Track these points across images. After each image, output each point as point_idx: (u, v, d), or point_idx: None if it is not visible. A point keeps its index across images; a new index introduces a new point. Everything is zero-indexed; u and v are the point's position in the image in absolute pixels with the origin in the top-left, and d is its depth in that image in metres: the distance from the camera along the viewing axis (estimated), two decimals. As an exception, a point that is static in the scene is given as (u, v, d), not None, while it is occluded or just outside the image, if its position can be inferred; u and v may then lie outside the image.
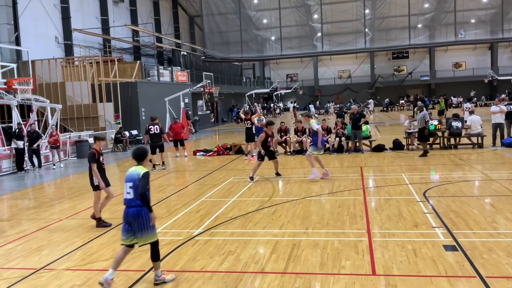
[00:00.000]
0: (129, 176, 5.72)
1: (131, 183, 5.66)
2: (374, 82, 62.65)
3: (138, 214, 5.59)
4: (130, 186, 5.66)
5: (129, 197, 5.68)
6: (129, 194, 5.67)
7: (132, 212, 5.62)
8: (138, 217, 5.59)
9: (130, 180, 5.69)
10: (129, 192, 5.67)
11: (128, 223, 5.66)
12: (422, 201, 9.38)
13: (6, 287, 5.93)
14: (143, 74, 30.35)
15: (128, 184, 5.68)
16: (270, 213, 9.10)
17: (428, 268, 5.86)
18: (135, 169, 5.76)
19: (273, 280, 5.70)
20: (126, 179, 5.73)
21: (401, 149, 17.63)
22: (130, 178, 5.69)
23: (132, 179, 5.67)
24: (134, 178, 5.65)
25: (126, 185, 5.70)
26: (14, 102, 18.28)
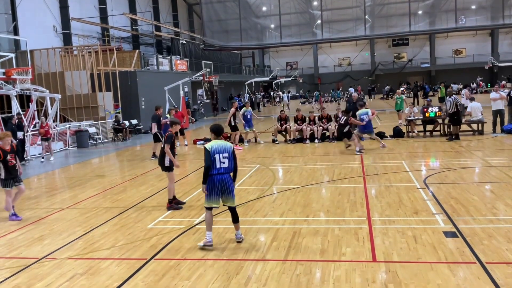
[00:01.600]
0: (221, 148, 6.53)
1: (226, 154, 6.54)
2: (374, 70, 62.40)
3: (231, 180, 6.66)
4: (224, 156, 6.52)
5: (224, 166, 6.53)
6: (224, 163, 6.51)
7: (229, 178, 6.59)
8: (232, 183, 6.66)
9: (224, 151, 6.53)
10: (224, 162, 6.51)
11: (222, 189, 6.55)
12: (422, 188, 9.40)
13: (9, 276, 5.97)
14: (142, 63, 30.22)
15: (223, 154, 6.51)
16: (270, 201, 9.12)
17: (428, 254, 5.88)
18: (222, 142, 6.63)
19: (274, 267, 5.73)
20: (219, 150, 6.49)
21: (401, 136, 17.62)
22: (224, 150, 6.54)
23: (226, 151, 6.55)
24: (229, 150, 6.58)
25: (219, 156, 6.47)
26: (13, 92, 18.23)
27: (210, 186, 6.53)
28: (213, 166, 6.49)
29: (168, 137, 8.81)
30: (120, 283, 5.53)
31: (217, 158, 6.49)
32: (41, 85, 21.91)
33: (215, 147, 6.53)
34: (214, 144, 6.57)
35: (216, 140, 6.67)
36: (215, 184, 6.51)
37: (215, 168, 6.49)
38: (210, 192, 6.54)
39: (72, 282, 5.67)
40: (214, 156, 6.47)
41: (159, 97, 27.52)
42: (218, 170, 6.50)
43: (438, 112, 17.42)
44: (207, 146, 6.55)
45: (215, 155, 6.48)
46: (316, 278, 5.36)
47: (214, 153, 6.49)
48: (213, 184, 6.51)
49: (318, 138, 17.67)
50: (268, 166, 13.20)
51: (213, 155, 6.47)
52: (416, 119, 17.94)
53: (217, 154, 6.49)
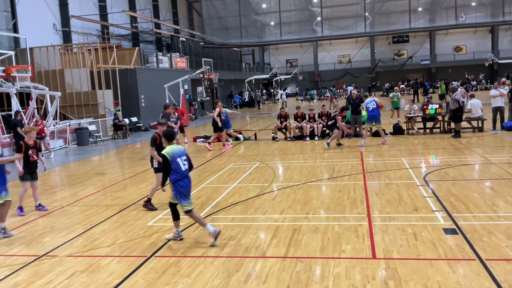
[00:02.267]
0: (180, 151, 6.74)
1: (184, 156, 6.76)
2: (374, 67, 62.37)
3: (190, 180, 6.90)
4: (184, 159, 6.73)
5: (186, 167, 6.75)
6: (185, 165, 6.73)
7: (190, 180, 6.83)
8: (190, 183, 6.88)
9: (182, 154, 6.74)
10: (185, 164, 6.73)
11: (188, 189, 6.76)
12: (422, 185, 9.40)
13: (9, 273, 5.97)
14: (142, 60, 30.20)
15: (182, 158, 6.71)
16: (270, 199, 9.13)
17: (428, 251, 5.89)
18: (178, 146, 6.85)
19: (274, 264, 5.74)
20: (178, 154, 6.68)
21: (401, 133, 17.62)
22: (182, 153, 6.76)
23: (184, 153, 6.78)
24: (185, 153, 6.83)
25: (180, 159, 6.66)
26: (13, 90, 18.22)
27: (184, 189, 6.66)
28: (178, 170, 6.64)
29: (152, 139, 8.59)
30: (120, 280, 5.54)
31: (179, 162, 6.65)
32: (41, 83, 21.89)
33: (175, 152, 6.68)
34: (171, 149, 6.70)
35: (171, 145, 6.81)
36: (187, 186, 6.73)
37: (180, 172, 6.66)
38: (185, 195, 6.68)
39: (73, 279, 5.68)
40: (176, 160, 6.62)
41: (159, 94, 27.52)
42: (184, 173, 6.70)
43: (438, 109, 17.40)
44: (166, 152, 6.65)
45: (177, 159, 6.64)
46: (316, 275, 5.37)
47: (175, 157, 6.63)
48: (186, 186, 6.71)
49: (318, 136, 17.67)
50: (268, 163, 13.21)
51: (175, 159, 6.62)
52: (416, 116, 17.93)
53: (178, 158, 6.66)
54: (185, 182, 6.70)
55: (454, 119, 16.11)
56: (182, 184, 6.65)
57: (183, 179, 6.67)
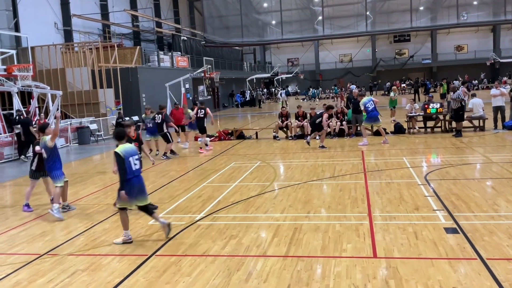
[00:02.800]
0: (132, 150, 6.81)
1: (137, 156, 6.82)
2: (375, 66, 62.30)
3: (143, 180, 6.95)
4: (136, 159, 6.78)
5: (137, 167, 6.81)
6: (136, 165, 6.78)
7: (142, 178, 6.89)
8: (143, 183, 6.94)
9: (135, 153, 6.80)
10: (136, 164, 6.78)
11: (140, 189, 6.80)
12: (423, 184, 9.40)
13: (11, 272, 5.99)
14: (143, 59, 30.21)
15: (134, 157, 6.76)
16: (271, 198, 9.13)
17: (429, 250, 5.89)
18: (130, 145, 6.91)
19: (275, 263, 5.75)
20: (131, 153, 6.73)
21: (402, 132, 17.60)
22: (135, 152, 6.82)
23: (136, 153, 6.84)
24: (137, 152, 6.90)
25: (132, 158, 6.71)
26: (15, 88, 18.25)
27: (129, 189, 6.64)
28: (129, 170, 6.65)
29: None
30: (121, 279, 5.55)
31: (131, 161, 6.69)
32: (42, 81, 21.91)
33: (128, 151, 6.71)
34: (124, 148, 6.72)
35: (123, 144, 6.83)
36: (135, 187, 6.70)
37: (131, 172, 6.67)
38: (133, 194, 6.69)
39: (74, 278, 5.68)
40: (128, 159, 6.64)
41: (160, 93, 27.53)
42: (134, 172, 6.72)
43: (439, 108, 17.39)
44: (119, 151, 6.65)
45: (129, 159, 6.67)
46: (317, 274, 5.37)
47: (128, 156, 6.66)
48: (133, 187, 6.67)
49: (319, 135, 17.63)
50: (269, 162, 13.21)
51: (127, 158, 6.64)
52: (417, 115, 17.92)
53: (131, 157, 6.70)
54: (135, 181, 6.71)
55: (455, 118, 16.09)
56: (130, 184, 6.65)
57: (133, 178, 6.69)
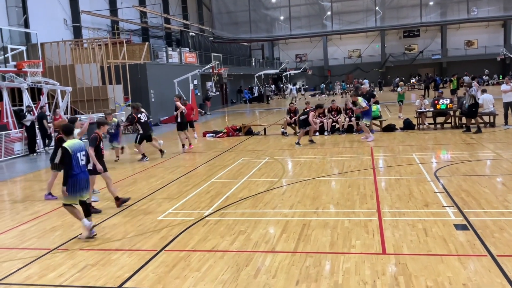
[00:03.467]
0: (80, 146, 6.89)
1: (84, 152, 6.92)
2: (384, 61, 61.93)
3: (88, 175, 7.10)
4: (83, 155, 6.90)
5: (83, 163, 6.91)
6: (83, 161, 6.89)
7: (88, 175, 7.00)
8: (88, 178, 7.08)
9: (82, 149, 6.90)
10: (83, 160, 6.88)
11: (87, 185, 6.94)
12: (433, 181, 9.34)
13: (21, 266, 6.05)
14: (151, 55, 30.26)
15: (82, 153, 6.88)
16: (280, 194, 9.13)
17: (439, 247, 5.86)
18: (78, 141, 7.01)
19: (284, 259, 5.75)
20: (78, 149, 6.82)
21: (411, 128, 17.50)
22: (82, 148, 6.91)
23: (83, 149, 6.92)
24: (84, 148, 6.98)
25: (80, 154, 6.82)
26: (25, 85, 18.38)
27: (74, 186, 6.72)
28: (76, 165, 6.72)
29: (91, 139, 8.43)
30: (131, 274, 5.58)
31: (78, 156, 6.76)
32: (52, 78, 22.06)
33: (75, 146, 6.77)
34: (72, 143, 6.77)
35: (71, 139, 6.90)
36: (80, 183, 6.76)
37: (78, 167, 6.74)
38: (74, 191, 6.74)
39: (84, 272, 5.73)
40: (76, 155, 6.71)
41: (168, 89, 27.59)
42: (81, 168, 6.81)
43: (449, 104, 17.26)
44: (67, 146, 6.69)
45: (77, 154, 6.74)
46: (326, 270, 5.37)
47: (75, 152, 6.72)
48: (78, 183, 6.73)
49: (328, 131, 17.60)
50: (278, 158, 13.20)
51: (74, 154, 6.70)
52: (426, 111, 17.80)
53: (78, 153, 6.78)
54: (81, 176, 6.79)
55: (469, 115, 15.87)
56: (75, 180, 6.72)
57: (79, 173, 6.77)
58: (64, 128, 7.13)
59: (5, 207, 9.54)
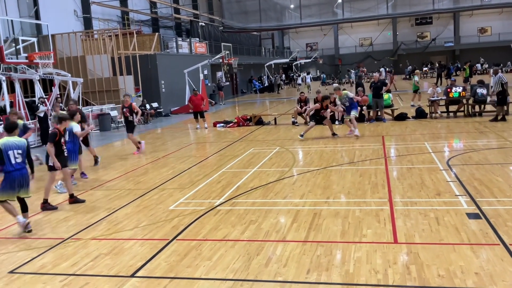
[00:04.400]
0: (14, 144, 6.93)
1: (20, 150, 6.94)
2: (396, 50, 61.24)
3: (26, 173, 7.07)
4: (18, 153, 6.91)
5: (19, 161, 6.93)
6: (18, 159, 6.91)
7: (25, 173, 7.01)
8: (27, 176, 7.07)
9: (17, 147, 6.93)
10: (18, 157, 6.90)
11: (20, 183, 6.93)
12: (445, 170, 9.26)
13: (36, 256, 6.13)
14: (161, 46, 30.27)
15: (16, 151, 6.90)
16: (290, 183, 9.12)
17: (451, 236, 5.82)
18: (15, 139, 7.03)
19: (295, 248, 5.76)
20: (12, 147, 6.88)
21: (424, 117, 17.34)
22: (17, 146, 6.93)
23: (20, 147, 6.95)
24: (22, 147, 7.00)
25: (13, 152, 6.86)
26: (36, 76, 18.50)
27: (8, 182, 6.84)
28: (9, 162, 6.83)
29: (50, 135, 8.42)
30: (143, 263, 5.64)
31: (10, 154, 6.84)
32: (63, 69, 22.16)
33: (8, 144, 6.88)
34: (5, 141, 6.91)
35: (8, 137, 6.99)
36: (15, 180, 6.85)
37: (10, 165, 6.84)
38: (7, 187, 6.86)
39: (97, 261, 5.80)
40: (7, 153, 6.82)
41: (178, 80, 27.62)
42: (14, 166, 6.86)
43: (462, 92, 17.04)
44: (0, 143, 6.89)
45: (9, 152, 6.83)
46: (337, 259, 5.37)
47: (7, 150, 6.83)
48: (12, 180, 6.84)
49: (339, 120, 17.50)
50: (288, 148, 13.18)
51: (6, 152, 6.81)
52: (439, 99, 17.61)
53: (10, 151, 6.84)
54: (16, 174, 6.86)
55: (499, 102, 15.43)
56: (9, 177, 6.84)
57: (12, 171, 6.85)
58: (6, 126, 7.29)
59: (19, 198, 9.66)
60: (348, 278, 4.86)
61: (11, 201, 7.08)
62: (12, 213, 7.09)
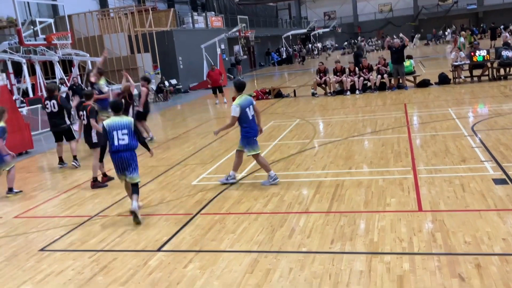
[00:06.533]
0: (120, 124, 6.37)
1: (126, 130, 6.36)
2: (417, 14, 59.48)
3: (134, 156, 6.48)
4: (123, 133, 6.35)
5: (123, 143, 6.35)
6: (123, 140, 6.35)
7: (129, 156, 6.40)
8: (133, 159, 6.45)
9: (123, 127, 6.37)
10: (123, 139, 6.35)
11: (123, 166, 6.42)
12: (470, 136, 9.07)
13: (64, 233, 6.29)
14: (177, 22, 30.07)
15: (121, 131, 6.35)
16: (312, 155, 9.08)
17: (477, 202, 5.73)
18: (121, 118, 6.45)
19: (318, 219, 5.76)
20: (117, 127, 6.35)
21: (447, 83, 16.93)
22: (123, 126, 6.37)
23: (125, 127, 6.38)
24: (128, 126, 6.40)
25: (117, 132, 6.32)
26: (56, 57, 18.66)
27: (113, 163, 6.50)
28: (112, 143, 6.36)
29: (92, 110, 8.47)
30: (169, 237, 5.72)
31: (114, 135, 6.35)
32: (81, 49, 22.28)
33: (112, 124, 6.39)
34: (111, 121, 6.42)
35: (114, 116, 6.49)
36: (115, 161, 6.45)
37: (113, 146, 6.37)
38: (116, 167, 6.50)
39: (124, 237, 5.91)
40: (112, 133, 6.35)
41: (196, 55, 27.49)
42: (116, 147, 6.36)
43: (486, 55, 16.53)
44: (105, 123, 6.45)
45: (113, 132, 6.35)
46: (361, 228, 5.35)
47: (111, 130, 6.36)
48: (113, 161, 6.47)
49: (359, 89, 17.23)
50: (308, 120, 13.08)
51: (110, 132, 6.35)
52: (462, 64, 17.13)
53: (114, 131, 6.36)
54: (114, 157, 6.42)
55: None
56: (112, 158, 6.47)
57: (113, 153, 6.43)
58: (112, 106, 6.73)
59: (46, 177, 9.89)
60: (373, 247, 4.85)
61: None
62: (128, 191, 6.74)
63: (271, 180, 7.29)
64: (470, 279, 4.02)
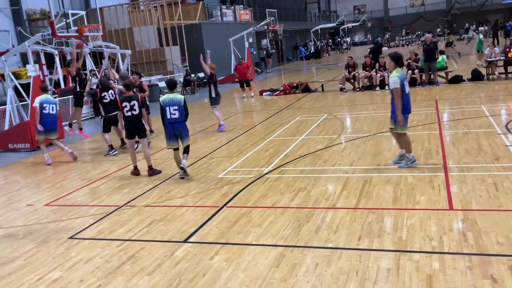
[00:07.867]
0: (171, 101, 7.78)
1: (176, 106, 7.75)
2: (450, 9, 58.08)
3: (184, 127, 7.95)
4: (174, 109, 7.75)
5: (175, 116, 7.78)
6: (174, 114, 7.76)
7: (181, 126, 7.88)
8: (184, 129, 7.94)
9: (174, 104, 7.77)
10: (174, 113, 7.76)
11: (175, 134, 7.86)
12: (504, 133, 8.81)
13: (93, 222, 6.41)
14: (206, 15, 30.17)
15: (173, 107, 7.75)
16: (339, 150, 8.98)
17: (511, 202, 5.55)
18: (173, 95, 7.85)
19: (345, 215, 5.69)
20: (169, 103, 7.76)
21: (480, 79, 16.47)
22: (174, 103, 7.77)
23: (176, 103, 7.77)
24: (179, 103, 7.80)
25: (169, 108, 7.73)
26: (87, 49, 18.95)
27: (166, 132, 7.89)
28: (165, 117, 7.78)
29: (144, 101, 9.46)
30: (195, 229, 5.76)
31: (167, 110, 7.74)
32: (111, 42, 22.57)
33: (166, 101, 7.79)
34: (165, 98, 7.83)
35: (168, 94, 7.89)
36: (169, 131, 7.83)
37: (166, 119, 7.79)
38: (167, 137, 7.90)
39: (151, 227, 5.98)
40: (165, 108, 7.75)
41: (224, 49, 27.54)
42: (169, 120, 7.78)
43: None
44: (160, 99, 7.85)
45: (166, 108, 7.74)
46: (389, 226, 5.26)
47: (165, 106, 7.76)
48: (167, 131, 7.85)
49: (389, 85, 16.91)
50: (336, 115, 12.94)
51: (164, 107, 7.75)
52: (497, 60, 16.62)
53: (167, 107, 7.74)
54: (168, 128, 7.82)
55: None
56: (166, 128, 7.87)
57: (167, 124, 7.82)
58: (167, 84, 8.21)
59: (76, 167, 10.08)
60: (401, 245, 4.76)
61: None
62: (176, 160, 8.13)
63: (409, 162, 7.31)
64: (503, 281, 3.90)
